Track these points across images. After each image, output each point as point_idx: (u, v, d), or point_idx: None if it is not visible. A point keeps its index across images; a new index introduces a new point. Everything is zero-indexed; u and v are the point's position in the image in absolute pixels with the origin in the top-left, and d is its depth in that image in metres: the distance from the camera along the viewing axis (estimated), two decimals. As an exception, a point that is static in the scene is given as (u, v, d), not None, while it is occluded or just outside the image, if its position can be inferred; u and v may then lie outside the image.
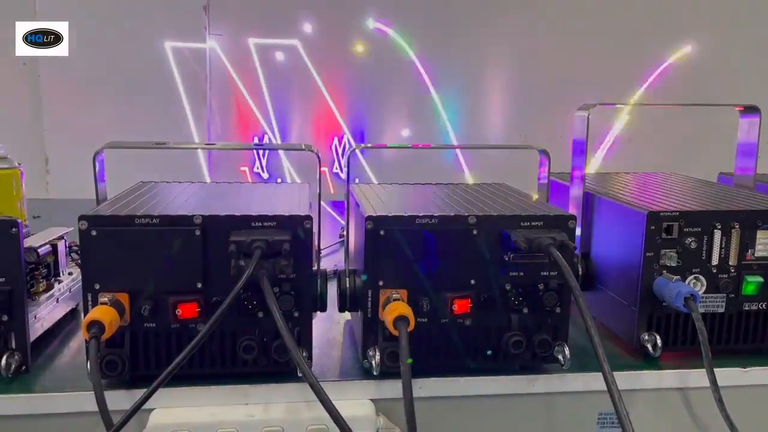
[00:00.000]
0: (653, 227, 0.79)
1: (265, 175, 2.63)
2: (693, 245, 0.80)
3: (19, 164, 1.13)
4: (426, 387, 0.76)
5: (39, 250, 0.82)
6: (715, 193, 0.94)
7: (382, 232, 0.72)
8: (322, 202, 0.85)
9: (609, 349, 0.86)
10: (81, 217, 0.69)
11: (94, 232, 0.69)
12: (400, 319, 0.68)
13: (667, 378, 0.81)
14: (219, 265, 0.70)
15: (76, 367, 0.77)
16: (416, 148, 0.92)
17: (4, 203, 1.10)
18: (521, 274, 0.74)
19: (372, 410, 0.74)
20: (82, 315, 0.71)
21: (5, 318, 0.73)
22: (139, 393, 0.69)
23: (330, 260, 1.27)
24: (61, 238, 0.90)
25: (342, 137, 2.66)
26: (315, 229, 0.74)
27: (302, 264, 0.72)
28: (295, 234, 0.71)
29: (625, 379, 0.79)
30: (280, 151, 2.62)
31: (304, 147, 0.86)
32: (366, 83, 2.66)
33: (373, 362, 0.73)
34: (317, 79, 2.60)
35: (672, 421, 0.82)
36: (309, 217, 0.72)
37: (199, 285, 0.70)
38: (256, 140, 2.59)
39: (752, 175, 1.01)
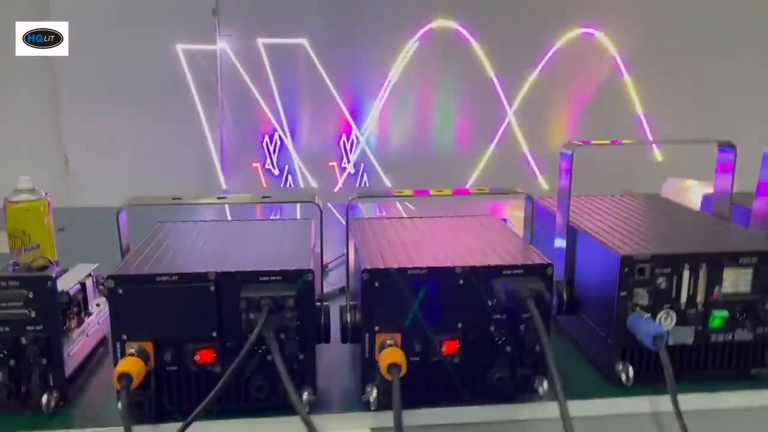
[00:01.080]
0: (627, 269, 0.86)
1: (276, 172, 2.72)
2: (663, 285, 0.87)
3: (46, 194, 1.22)
4: (419, 416, 0.84)
5: (70, 292, 0.91)
6: (687, 229, 1.01)
7: (377, 284, 0.80)
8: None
9: (587, 375, 0.94)
10: (109, 277, 0.78)
11: (120, 290, 0.78)
12: (393, 366, 0.76)
13: (640, 404, 0.89)
14: (231, 314, 0.79)
15: (107, 401, 0.86)
16: (417, 195, 0.98)
17: (34, 231, 1.19)
18: (504, 317, 0.82)
19: (371, 439, 0.83)
20: (111, 353, 0.80)
21: (44, 361, 0.82)
22: (162, 427, 0.79)
23: (338, 269, 1.36)
24: (88, 276, 0.98)
25: (350, 132, 2.73)
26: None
27: (306, 311, 0.80)
28: (299, 285, 0.79)
29: (600, 405, 0.88)
30: (290, 147, 2.70)
31: (311, 201, 0.92)
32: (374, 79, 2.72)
33: (371, 398, 0.82)
34: (325, 76, 2.66)
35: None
36: (311, 271, 0.80)
37: (214, 334, 0.79)
38: (267, 138, 2.67)
39: (728, 199, 1.07)
